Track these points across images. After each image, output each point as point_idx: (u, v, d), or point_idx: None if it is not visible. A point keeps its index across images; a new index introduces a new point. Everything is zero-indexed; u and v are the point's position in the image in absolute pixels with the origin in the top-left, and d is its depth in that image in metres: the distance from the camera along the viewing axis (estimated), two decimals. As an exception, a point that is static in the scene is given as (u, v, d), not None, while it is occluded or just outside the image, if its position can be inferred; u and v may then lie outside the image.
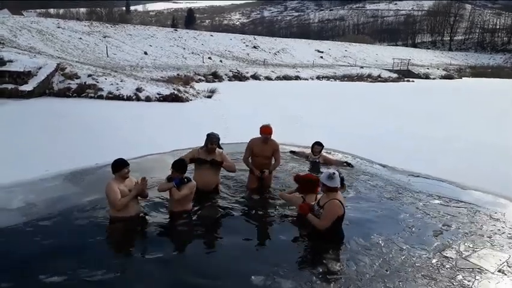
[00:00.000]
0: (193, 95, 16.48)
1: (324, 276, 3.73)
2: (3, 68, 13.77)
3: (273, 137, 5.86)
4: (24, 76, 13.58)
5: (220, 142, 7.66)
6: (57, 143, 7.94)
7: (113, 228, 4.43)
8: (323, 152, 7.60)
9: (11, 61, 14.39)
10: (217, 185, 5.65)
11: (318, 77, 34.29)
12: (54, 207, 4.84)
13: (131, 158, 6.25)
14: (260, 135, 5.81)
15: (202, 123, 10.84)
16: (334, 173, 4.16)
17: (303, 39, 58.24)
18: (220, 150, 5.63)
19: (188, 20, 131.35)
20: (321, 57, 47.89)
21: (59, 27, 30.15)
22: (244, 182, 6.07)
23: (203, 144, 5.54)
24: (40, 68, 14.38)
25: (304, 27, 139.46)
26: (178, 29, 48.00)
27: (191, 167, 5.40)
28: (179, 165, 4.73)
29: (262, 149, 5.82)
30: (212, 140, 5.43)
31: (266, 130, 5.74)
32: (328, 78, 34.67)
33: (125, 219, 4.44)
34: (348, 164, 7.42)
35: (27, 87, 13.21)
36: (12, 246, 3.95)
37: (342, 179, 4.33)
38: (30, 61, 14.74)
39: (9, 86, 13.03)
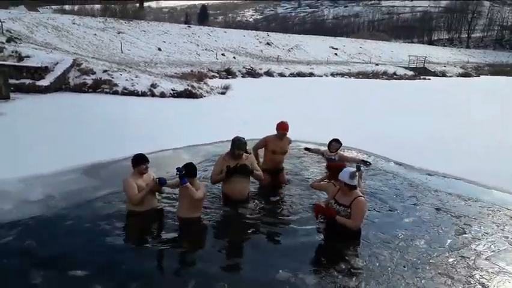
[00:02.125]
0: (206, 91, 16.51)
1: (344, 272, 3.72)
2: (21, 63, 14.00)
3: (287, 132, 5.88)
4: (41, 71, 13.78)
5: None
6: (75, 137, 8.03)
7: (130, 221, 4.47)
8: (339, 151, 7.48)
9: (28, 57, 14.63)
10: (249, 192, 5.31)
11: (332, 74, 34.00)
12: (72, 200, 4.90)
13: (146, 153, 6.29)
14: (277, 132, 5.82)
15: (216, 119, 10.87)
16: (355, 172, 4.21)
17: (317, 36, 57.76)
18: (248, 154, 5.23)
19: (202, 16, 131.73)
20: (336, 54, 47.53)
21: (74, 24, 30.50)
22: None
23: (229, 150, 5.11)
24: (57, 63, 14.56)
25: (319, 24, 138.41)
26: (191, 26, 48.14)
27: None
28: (190, 169, 4.39)
29: (280, 146, 5.87)
30: (239, 146, 4.96)
31: (284, 126, 5.77)
32: (342, 75, 34.35)
33: (142, 213, 4.49)
34: (365, 163, 7.30)
35: (44, 82, 13.39)
36: (31, 238, 3.99)
37: (358, 167, 4.61)
38: (47, 57, 14.95)
39: (27, 81, 13.23)
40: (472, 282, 3.64)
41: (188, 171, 4.32)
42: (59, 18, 31.82)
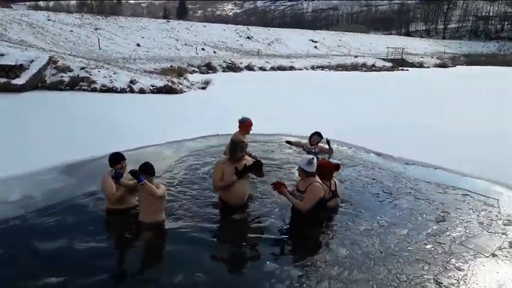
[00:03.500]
0: (187, 87, 16.39)
1: (328, 261, 3.82)
2: (-5, 62, 13.60)
3: (269, 126, 5.89)
4: (16, 70, 13.41)
5: (215, 133, 7.65)
6: (53, 135, 7.88)
7: (109, 220, 4.45)
8: (320, 143, 7.55)
9: (2, 55, 14.18)
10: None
11: (312, 67, 34.20)
12: (51, 200, 4.84)
13: (126, 150, 6.23)
14: (243, 129, 5.83)
15: (196, 115, 10.83)
16: (313, 159, 4.35)
17: (297, 29, 57.93)
18: (246, 156, 5.01)
19: (181, 11, 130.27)
20: (315, 47, 47.80)
21: (49, 20, 29.80)
22: None
23: (229, 154, 4.83)
24: (32, 61, 14.19)
25: (298, 17, 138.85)
26: (170, 20, 47.55)
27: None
28: (148, 167, 4.21)
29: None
30: (243, 148, 4.74)
31: (251, 124, 5.86)
32: (322, 68, 34.60)
33: (121, 211, 4.47)
34: (329, 147, 7.16)
35: (20, 81, 13.04)
36: (9, 239, 3.94)
37: (328, 142, 5.27)
38: (21, 54, 14.54)
39: (1, 80, 12.85)
40: (448, 267, 3.77)
41: (145, 170, 4.12)
42: (34, 14, 31.02)
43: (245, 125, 5.88)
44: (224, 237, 4.33)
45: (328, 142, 6.50)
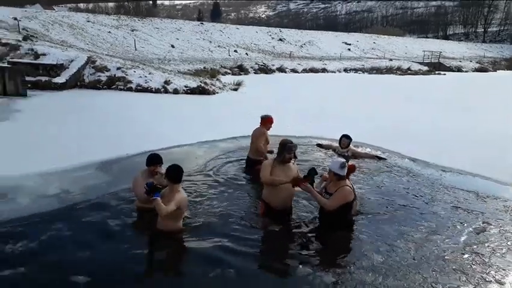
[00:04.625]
0: (219, 88, 16.54)
1: (363, 268, 3.74)
2: (37, 61, 14.24)
3: (300, 128, 5.93)
4: (57, 69, 14.00)
5: (246, 134, 7.71)
6: (89, 133, 8.14)
7: (139, 217, 4.52)
8: (352, 146, 7.45)
9: (44, 54, 14.87)
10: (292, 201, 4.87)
11: (345, 70, 33.77)
12: (87, 195, 5.00)
13: (159, 149, 6.43)
14: (264, 125, 6.33)
15: (228, 116, 10.90)
16: (345, 162, 4.31)
17: (330, 32, 57.28)
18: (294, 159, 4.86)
19: (214, 13, 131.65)
20: (349, 49, 47.08)
21: (88, 21, 30.80)
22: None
23: (276, 155, 4.69)
24: (72, 60, 14.76)
25: (331, 19, 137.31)
26: (204, 23, 48.19)
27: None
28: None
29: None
30: (291, 148, 4.57)
31: (271, 120, 6.37)
32: (356, 70, 34.07)
33: (150, 210, 4.44)
34: (380, 158, 7.28)
35: (60, 80, 13.60)
36: (48, 232, 4.09)
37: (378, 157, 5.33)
38: (62, 54, 15.16)
39: (43, 78, 13.45)
40: (487, 279, 3.61)
41: (171, 177, 4.03)
42: (74, 16, 32.18)
43: (265, 120, 6.35)
44: (255, 238, 4.28)
45: (378, 157, 7.19)
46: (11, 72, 11.96)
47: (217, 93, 15.64)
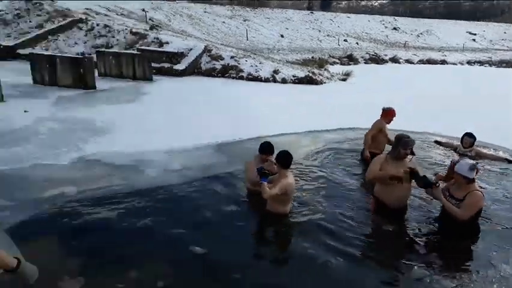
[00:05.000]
0: (327, 78, 16.34)
1: (483, 276, 3.47)
2: (161, 49, 15.67)
3: (414, 124, 5.60)
4: (177, 56, 15.24)
5: (354, 126, 7.52)
6: (207, 116, 8.77)
7: (249, 199, 4.74)
8: (476, 146, 6.74)
9: (167, 43, 16.33)
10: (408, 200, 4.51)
11: (468, 62, 30.64)
12: (204, 172, 5.47)
13: (267, 136, 6.70)
14: (385, 118, 6.06)
15: (336, 106, 10.71)
16: (475, 164, 3.86)
17: (452, 20, 52.19)
18: (411, 156, 4.40)
19: (325, 2, 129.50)
20: (474, 39, 42.52)
21: (205, 12, 32.77)
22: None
23: (391, 150, 4.43)
24: (191, 49, 15.92)
25: (454, 7, 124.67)
26: (314, 12, 47.71)
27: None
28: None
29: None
30: (407, 144, 4.18)
31: (393, 113, 6.05)
32: (481, 63, 30.67)
33: (260, 193, 4.63)
34: (510, 161, 6.49)
35: (180, 67, 14.80)
36: (170, 203, 4.57)
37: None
38: (182, 43, 16.45)
39: (166, 65, 14.79)
40: None
41: (281, 160, 4.17)
42: (193, 7, 34.49)
43: (387, 112, 6.08)
44: (363, 235, 4.08)
45: (508, 160, 6.51)
46: (140, 59, 13.40)
47: (325, 83, 15.47)
